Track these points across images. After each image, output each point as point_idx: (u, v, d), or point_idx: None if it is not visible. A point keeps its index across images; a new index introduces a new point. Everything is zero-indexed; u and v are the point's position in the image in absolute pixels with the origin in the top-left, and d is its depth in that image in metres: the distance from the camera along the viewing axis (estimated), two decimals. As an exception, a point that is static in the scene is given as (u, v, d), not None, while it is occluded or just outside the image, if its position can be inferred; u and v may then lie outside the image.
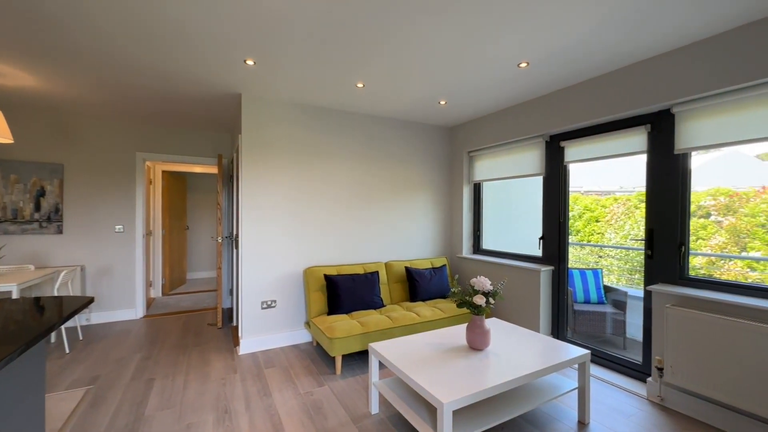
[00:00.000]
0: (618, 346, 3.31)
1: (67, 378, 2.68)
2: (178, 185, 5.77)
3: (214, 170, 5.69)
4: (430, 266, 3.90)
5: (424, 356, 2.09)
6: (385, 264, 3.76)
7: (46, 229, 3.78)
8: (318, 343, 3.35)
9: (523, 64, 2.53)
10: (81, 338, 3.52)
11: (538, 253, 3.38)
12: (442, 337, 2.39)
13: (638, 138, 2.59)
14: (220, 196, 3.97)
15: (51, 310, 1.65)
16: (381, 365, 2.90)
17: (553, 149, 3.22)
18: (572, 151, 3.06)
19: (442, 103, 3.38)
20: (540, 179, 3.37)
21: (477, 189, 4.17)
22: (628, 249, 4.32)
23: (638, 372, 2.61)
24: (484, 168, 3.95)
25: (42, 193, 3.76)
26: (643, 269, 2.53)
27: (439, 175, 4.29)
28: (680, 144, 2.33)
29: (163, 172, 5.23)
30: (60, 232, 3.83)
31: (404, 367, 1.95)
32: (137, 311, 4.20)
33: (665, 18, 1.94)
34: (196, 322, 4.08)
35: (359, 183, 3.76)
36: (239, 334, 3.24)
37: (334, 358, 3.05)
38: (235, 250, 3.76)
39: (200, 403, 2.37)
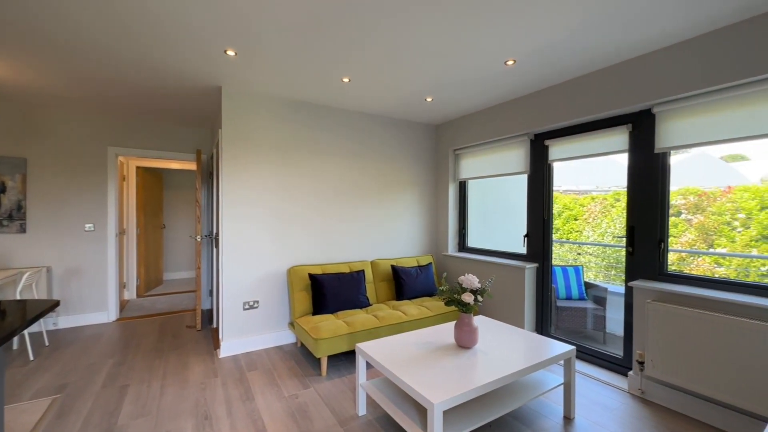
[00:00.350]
0: (598, 341, 3.39)
1: (31, 387, 2.51)
2: (153, 182, 5.53)
3: (192, 166, 5.48)
4: (416, 264, 3.89)
5: (412, 356, 2.06)
6: (371, 262, 3.71)
7: (7, 228, 3.52)
8: (302, 344, 3.28)
9: (510, 62, 2.53)
10: (47, 344, 3.30)
11: (523, 250, 3.42)
12: (430, 336, 2.37)
13: (620, 137, 2.65)
14: (199, 193, 3.82)
15: (12, 314, 1.52)
16: (368, 366, 2.86)
17: (537, 148, 3.26)
18: (556, 149, 3.10)
19: (429, 99, 3.36)
20: (524, 177, 3.40)
21: (462, 187, 4.18)
22: (609, 246, 4.44)
23: (619, 366, 2.68)
24: (470, 166, 3.97)
25: (2, 189, 3.51)
26: (619, 265, 2.59)
27: (425, 173, 4.28)
28: (660, 143, 2.40)
29: (138, 168, 4.99)
30: (23, 231, 3.58)
31: (392, 367, 1.91)
32: (109, 314, 4.00)
33: (651, 19, 1.98)
34: (174, 324, 3.91)
35: (345, 180, 3.70)
36: (220, 336, 3.12)
37: (319, 359, 2.98)
38: (215, 249, 3.62)
39: (178, 409, 2.25)
